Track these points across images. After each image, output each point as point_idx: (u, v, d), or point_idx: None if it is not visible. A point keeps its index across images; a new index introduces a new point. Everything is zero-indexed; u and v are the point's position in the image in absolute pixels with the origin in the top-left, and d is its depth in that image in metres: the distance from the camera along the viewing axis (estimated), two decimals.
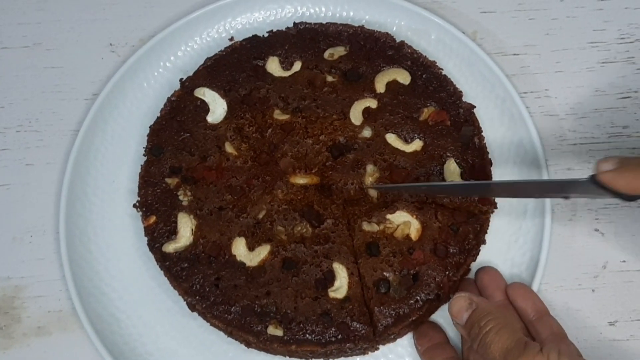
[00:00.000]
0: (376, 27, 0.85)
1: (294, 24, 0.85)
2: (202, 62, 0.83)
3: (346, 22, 0.85)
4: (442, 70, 0.81)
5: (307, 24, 0.85)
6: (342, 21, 0.85)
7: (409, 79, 0.80)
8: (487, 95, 0.81)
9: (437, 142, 0.77)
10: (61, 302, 0.77)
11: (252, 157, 0.77)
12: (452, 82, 0.80)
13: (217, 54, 0.84)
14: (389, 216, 0.73)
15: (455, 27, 0.84)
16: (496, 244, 0.75)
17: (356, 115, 0.78)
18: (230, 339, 0.73)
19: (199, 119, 0.80)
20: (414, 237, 0.72)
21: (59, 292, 0.77)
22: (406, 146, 0.77)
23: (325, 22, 0.85)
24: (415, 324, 0.71)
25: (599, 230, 0.77)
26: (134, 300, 0.76)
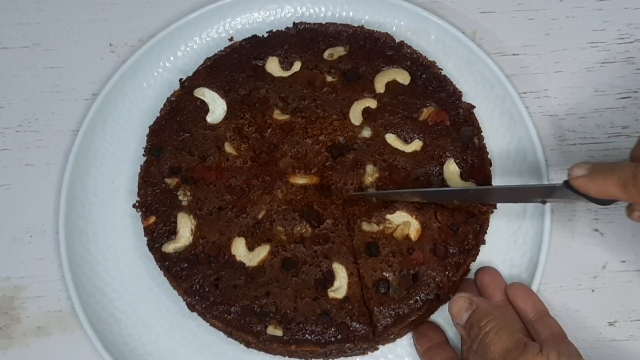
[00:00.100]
0: (376, 27, 0.85)
1: (294, 24, 0.85)
2: (202, 62, 0.83)
3: (346, 22, 0.85)
4: (442, 70, 0.81)
5: (307, 24, 0.85)
6: (342, 21, 0.85)
7: (409, 79, 0.80)
8: (486, 95, 0.81)
9: (436, 142, 0.77)
10: (61, 302, 0.77)
11: (252, 157, 0.77)
12: (452, 82, 0.81)
13: (217, 54, 0.84)
14: (388, 216, 0.73)
15: (454, 27, 0.84)
16: (496, 244, 0.75)
17: (356, 115, 0.78)
18: (229, 339, 0.73)
19: (199, 119, 0.80)
20: (413, 237, 0.72)
21: (59, 292, 0.77)
22: (406, 146, 0.77)
23: (324, 22, 0.85)
24: (414, 324, 0.71)
25: (598, 230, 0.77)
26: (134, 300, 0.76)
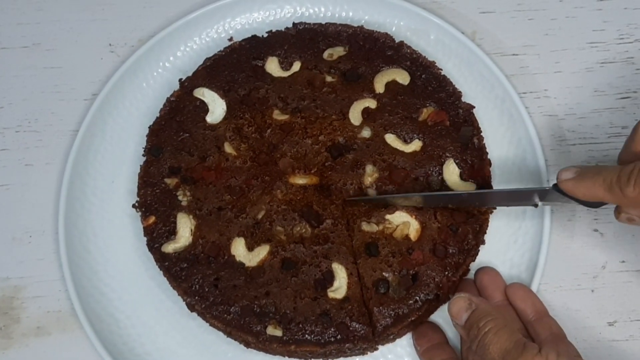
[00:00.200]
0: (375, 27, 0.85)
1: (293, 24, 0.85)
2: (202, 62, 0.83)
3: (345, 22, 0.85)
4: (442, 70, 0.81)
5: (307, 24, 0.85)
6: (342, 21, 0.85)
7: (408, 79, 0.80)
8: (486, 95, 0.81)
9: (436, 142, 0.77)
10: (60, 302, 0.77)
11: (252, 157, 0.77)
12: (452, 83, 0.81)
13: (217, 54, 0.84)
14: (388, 216, 0.73)
15: (454, 27, 0.84)
16: (495, 245, 0.75)
17: (355, 115, 0.78)
18: (229, 339, 0.73)
19: (198, 119, 0.80)
20: (413, 238, 0.72)
21: (58, 292, 0.77)
22: (405, 146, 0.77)
23: (324, 23, 0.85)
24: (414, 324, 0.71)
25: (598, 230, 0.77)
26: (133, 300, 0.76)
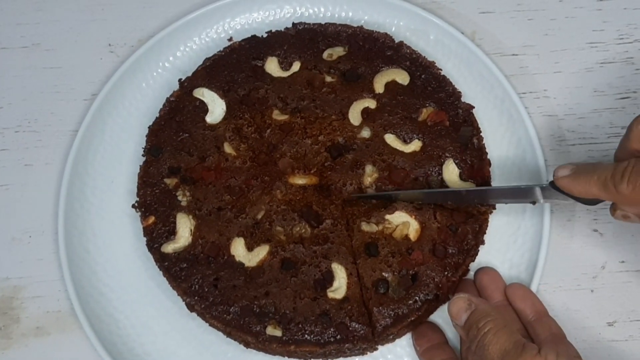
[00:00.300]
0: (375, 27, 0.85)
1: (293, 24, 0.85)
2: (201, 62, 0.83)
3: (345, 22, 0.85)
4: (441, 70, 0.81)
5: (306, 24, 0.85)
6: (341, 21, 0.85)
7: (408, 80, 0.80)
8: (486, 95, 0.81)
9: (436, 142, 0.77)
10: (60, 302, 0.77)
11: (251, 157, 0.77)
12: (451, 83, 0.81)
13: (216, 54, 0.84)
14: (387, 216, 0.73)
15: (454, 27, 0.84)
16: (495, 245, 0.75)
17: (355, 115, 0.78)
18: (229, 339, 0.73)
19: (198, 119, 0.80)
20: (412, 238, 0.72)
21: (58, 292, 0.77)
22: (405, 146, 0.77)
23: (324, 23, 0.85)
24: (414, 324, 0.71)
25: (597, 230, 0.77)
26: (133, 300, 0.76)
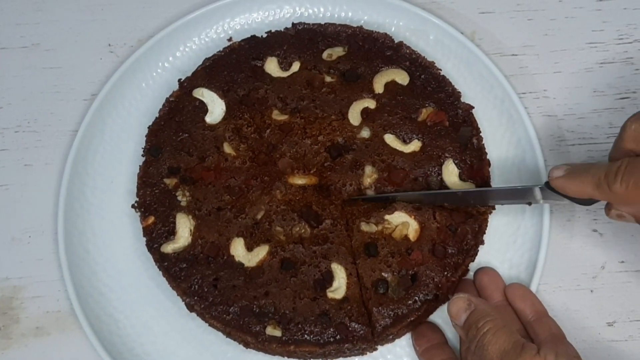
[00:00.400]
0: (375, 27, 0.85)
1: (293, 24, 0.85)
2: (201, 62, 0.84)
3: (345, 22, 0.85)
4: (441, 70, 0.81)
5: (306, 24, 0.85)
6: (341, 22, 0.85)
7: (408, 80, 0.80)
8: (485, 95, 0.81)
9: (435, 142, 0.77)
10: (59, 302, 0.77)
11: (251, 157, 0.77)
12: (451, 83, 0.80)
13: (216, 54, 0.84)
14: (387, 217, 0.73)
15: (453, 27, 0.84)
16: (495, 245, 0.75)
17: (354, 115, 0.78)
18: (228, 339, 0.73)
19: (198, 119, 0.80)
20: (412, 238, 0.72)
21: (58, 292, 0.77)
22: (404, 147, 0.77)
23: (323, 23, 0.85)
24: (413, 324, 0.71)
25: (597, 230, 0.77)
26: (132, 300, 0.76)
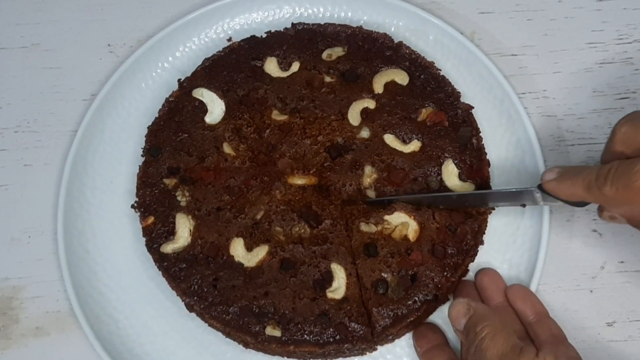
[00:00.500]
0: (374, 27, 0.85)
1: (292, 24, 0.85)
2: (200, 62, 0.84)
3: (344, 22, 0.85)
4: (440, 70, 0.81)
5: (305, 24, 0.85)
6: (340, 22, 0.85)
7: (407, 80, 0.80)
8: (485, 95, 0.81)
9: (435, 142, 0.77)
10: (59, 302, 0.77)
11: (250, 157, 0.77)
12: (450, 83, 0.80)
13: (215, 54, 0.84)
14: (386, 217, 0.73)
15: (453, 27, 0.84)
16: (494, 245, 0.75)
17: (354, 115, 0.78)
18: (228, 339, 0.73)
19: (197, 119, 0.80)
20: (411, 238, 0.72)
21: (57, 292, 0.77)
22: (404, 147, 0.77)
23: (323, 23, 0.85)
24: (413, 324, 0.71)
25: (597, 231, 0.77)
26: (132, 300, 0.76)
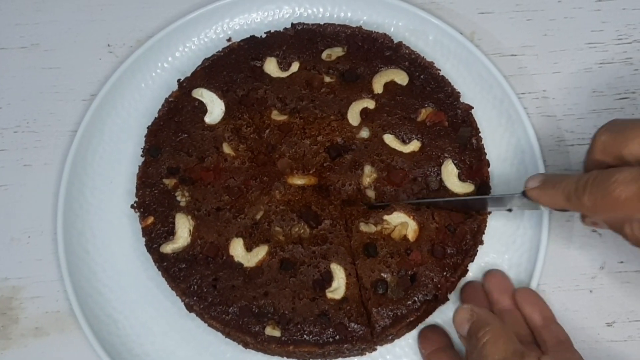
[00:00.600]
0: (374, 27, 0.85)
1: (292, 24, 0.85)
2: (200, 62, 0.83)
3: (344, 22, 0.85)
4: (440, 71, 0.81)
5: (305, 24, 0.85)
6: (340, 22, 0.85)
7: (407, 80, 0.80)
8: (484, 96, 0.81)
9: (434, 142, 0.77)
10: (59, 302, 0.77)
11: (250, 157, 0.77)
12: (450, 83, 0.80)
13: (215, 54, 0.84)
14: (386, 217, 0.73)
15: (453, 27, 0.84)
16: (494, 245, 0.75)
17: (354, 116, 0.78)
18: (227, 339, 0.73)
19: (197, 119, 0.80)
20: (411, 238, 0.72)
21: (57, 292, 0.77)
22: (404, 147, 0.77)
23: (323, 23, 0.85)
24: (413, 325, 0.71)
25: (596, 231, 0.77)
26: (132, 300, 0.76)
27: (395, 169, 0.76)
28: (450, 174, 0.75)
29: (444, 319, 0.72)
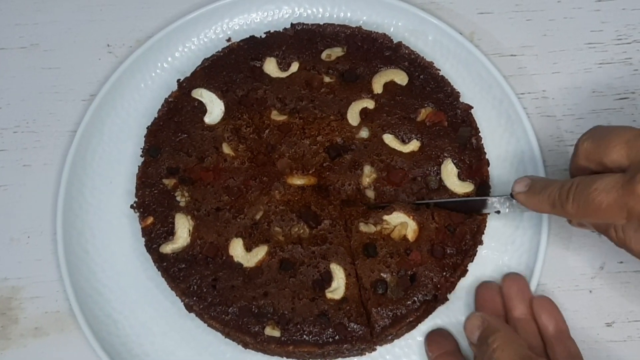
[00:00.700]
0: (374, 27, 0.85)
1: (292, 24, 0.85)
2: (200, 63, 0.83)
3: (343, 22, 0.85)
4: (440, 71, 0.81)
5: (305, 24, 0.85)
6: (340, 22, 0.85)
7: (407, 80, 0.80)
8: (484, 96, 0.81)
9: (434, 142, 0.77)
10: (58, 303, 0.77)
11: (250, 158, 0.77)
12: (450, 83, 0.81)
13: (215, 54, 0.84)
14: (385, 217, 0.73)
15: (452, 28, 0.84)
16: (493, 245, 0.75)
17: (353, 116, 0.78)
18: (227, 339, 0.73)
19: (197, 119, 0.80)
20: (411, 238, 0.72)
21: (56, 293, 0.77)
22: (403, 147, 0.77)
23: (322, 23, 0.85)
24: (412, 325, 0.71)
25: (596, 231, 0.77)
26: (131, 301, 0.76)
27: (394, 169, 0.76)
28: (450, 174, 0.75)
29: (446, 320, 0.72)
